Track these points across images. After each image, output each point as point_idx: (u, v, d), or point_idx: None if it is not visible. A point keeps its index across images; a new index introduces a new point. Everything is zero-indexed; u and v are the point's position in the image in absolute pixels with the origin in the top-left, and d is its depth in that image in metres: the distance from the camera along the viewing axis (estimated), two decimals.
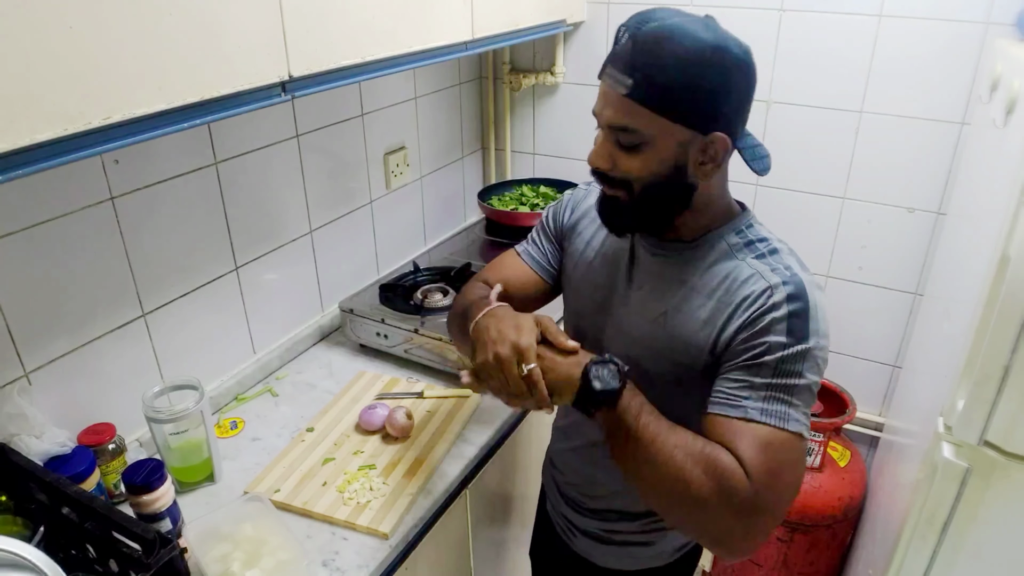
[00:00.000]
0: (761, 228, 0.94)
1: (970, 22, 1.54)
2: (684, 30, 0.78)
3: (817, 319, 0.83)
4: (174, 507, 1.07)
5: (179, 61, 0.84)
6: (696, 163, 0.85)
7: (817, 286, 0.87)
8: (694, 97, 0.80)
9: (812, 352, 0.82)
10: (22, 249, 1.04)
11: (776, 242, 0.91)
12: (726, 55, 0.79)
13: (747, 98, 0.86)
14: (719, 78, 0.80)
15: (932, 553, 1.15)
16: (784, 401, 0.82)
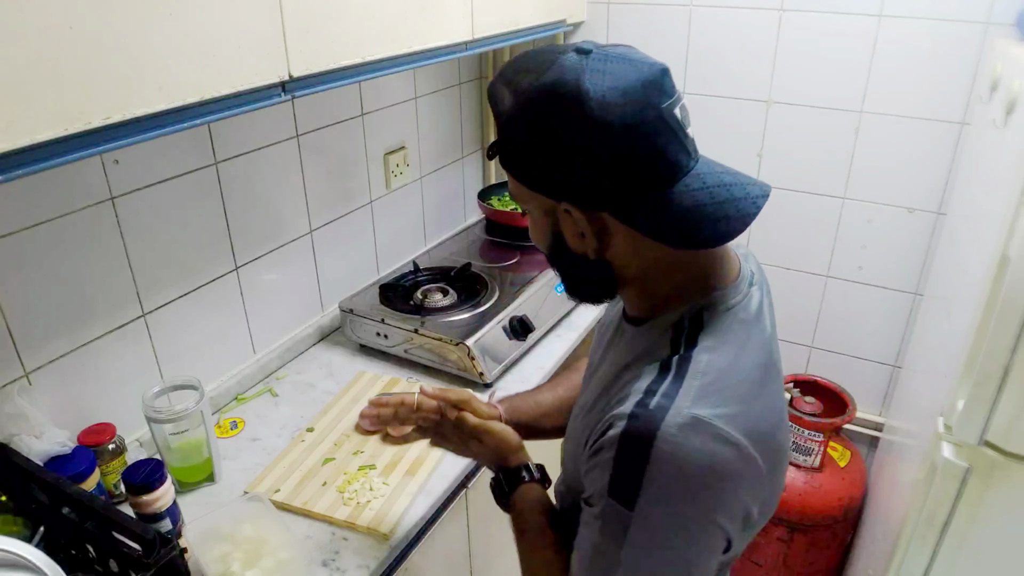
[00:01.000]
0: (712, 324, 0.68)
1: (970, 22, 1.54)
2: (511, 79, 0.67)
3: (656, 485, 0.61)
4: (174, 507, 1.07)
5: (179, 61, 0.84)
6: (574, 235, 0.70)
7: (711, 436, 0.61)
8: (521, 157, 0.68)
9: (640, 526, 0.62)
10: (22, 249, 1.04)
11: (706, 352, 0.66)
12: (535, 102, 0.64)
13: (619, 164, 0.63)
14: (526, 134, 0.66)
15: (932, 553, 1.15)
16: (601, 564, 0.66)
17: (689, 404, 0.62)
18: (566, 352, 1.62)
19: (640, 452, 0.61)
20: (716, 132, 1.89)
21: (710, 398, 0.63)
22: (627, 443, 0.62)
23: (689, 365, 0.65)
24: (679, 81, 1.87)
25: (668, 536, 0.63)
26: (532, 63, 0.66)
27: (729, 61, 1.81)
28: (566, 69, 0.63)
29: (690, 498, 0.62)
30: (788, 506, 1.82)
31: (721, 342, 0.67)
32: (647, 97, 0.62)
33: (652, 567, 0.64)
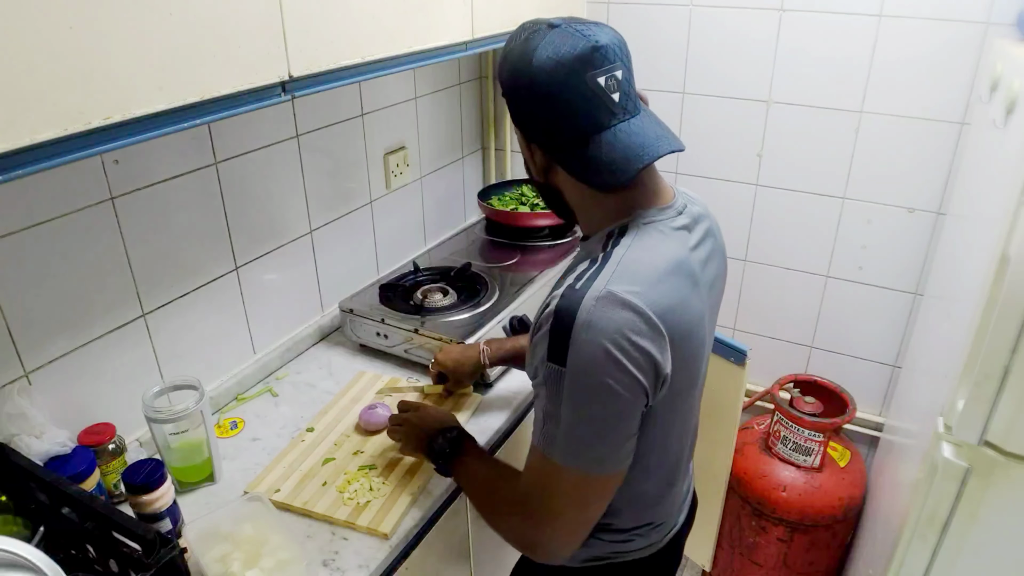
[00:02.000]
0: (633, 234, 0.86)
1: (970, 22, 1.54)
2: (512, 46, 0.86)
3: (583, 338, 0.77)
4: (174, 507, 1.07)
5: (179, 61, 0.84)
6: (537, 168, 0.91)
7: (620, 304, 0.78)
8: (512, 110, 0.88)
9: (570, 379, 0.78)
10: (22, 249, 1.04)
11: (623, 249, 0.84)
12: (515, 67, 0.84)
13: (548, 117, 0.84)
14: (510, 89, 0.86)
15: (932, 553, 1.15)
16: (548, 429, 0.82)
17: (604, 284, 0.79)
18: None
19: (567, 319, 0.78)
20: (716, 132, 1.90)
21: (620, 279, 0.80)
22: (558, 314, 0.79)
23: (609, 259, 0.83)
24: (679, 81, 1.89)
25: (593, 384, 0.78)
26: (526, 30, 0.86)
27: (729, 61, 1.81)
28: (531, 37, 0.83)
29: (605, 350, 0.76)
30: (788, 506, 1.82)
31: (636, 243, 0.85)
32: (575, 65, 0.80)
33: (583, 419, 0.79)
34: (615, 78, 0.83)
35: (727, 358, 1.68)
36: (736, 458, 1.89)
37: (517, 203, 2.02)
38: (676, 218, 0.90)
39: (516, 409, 1.43)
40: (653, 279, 0.81)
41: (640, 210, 0.88)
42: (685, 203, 0.93)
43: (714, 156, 1.93)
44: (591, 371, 0.77)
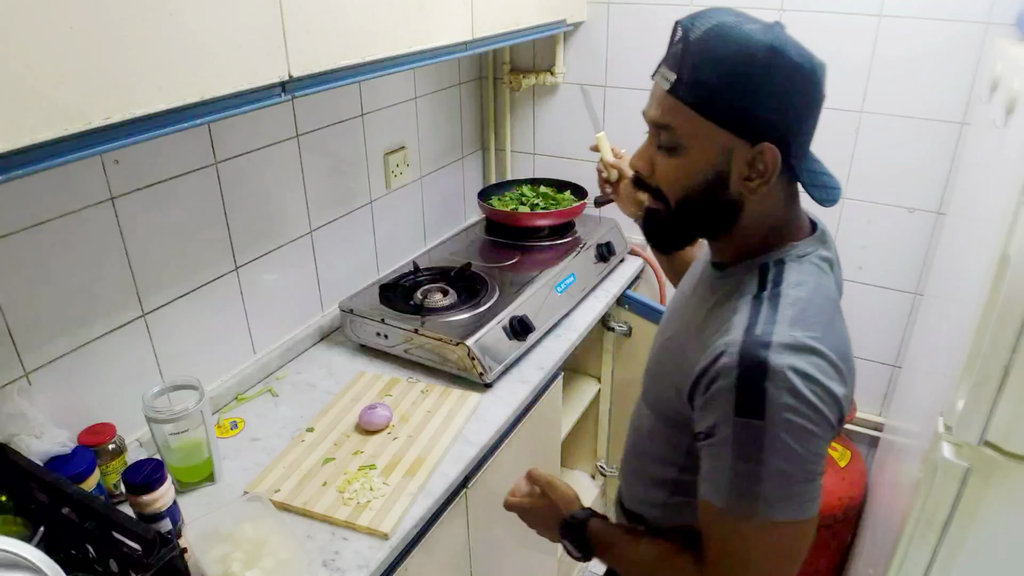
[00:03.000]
0: (793, 268, 0.81)
1: (970, 22, 1.54)
2: (738, 29, 0.73)
3: (779, 387, 0.71)
4: (174, 507, 1.07)
5: (179, 61, 0.84)
6: (741, 176, 0.77)
7: (807, 350, 0.73)
8: (739, 98, 0.73)
9: (771, 431, 0.71)
10: (22, 249, 1.04)
11: (792, 288, 0.78)
12: (782, 58, 0.72)
13: (806, 110, 0.76)
14: (769, 81, 0.73)
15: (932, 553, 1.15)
16: (746, 488, 0.73)
17: (787, 328, 0.74)
18: (566, 352, 1.62)
19: (758, 369, 0.71)
20: None
21: (801, 323, 0.75)
22: (746, 364, 0.72)
23: (780, 299, 0.77)
24: None
25: (796, 430, 0.71)
26: (750, 21, 0.76)
27: None
28: (775, 34, 0.74)
29: (805, 398, 0.71)
30: None
31: (802, 280, 0.80)
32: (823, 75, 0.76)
33: (792, 466, 0.72)
34: None
35: None
36: None
37: (517, 203, 2.02)
38: (821, 249, 0.84)
39: (517, 409, 1.43)
40: (826, 322, 0.78)
41: (794, 241, 0.83)
42: (823, 230, 0.87)
43: None
44: (792, 419, 0.71)
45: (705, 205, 0.80)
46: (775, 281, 0.79)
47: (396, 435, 1.32)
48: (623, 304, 1.95)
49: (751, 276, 0.81)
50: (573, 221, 2.00)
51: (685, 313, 0.91)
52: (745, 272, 0.82)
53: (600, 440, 2.22)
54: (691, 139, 0.77)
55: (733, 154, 0.76)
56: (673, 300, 1.01)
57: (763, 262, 0.81)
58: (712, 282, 0.87)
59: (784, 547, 0.76)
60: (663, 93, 0.77)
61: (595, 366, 2.11)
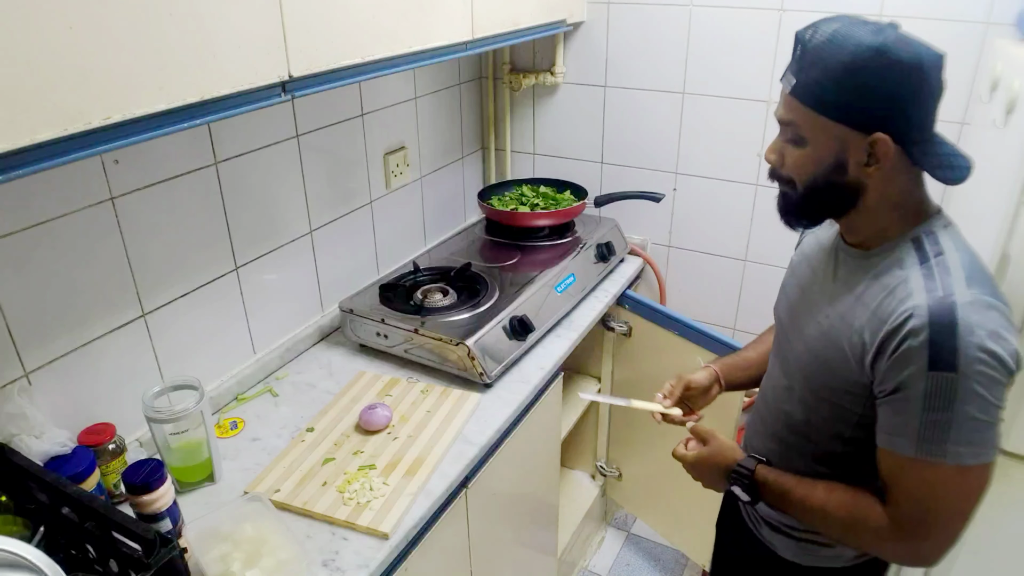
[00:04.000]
0: (945, 237, 0.89)
1: (970, 22, 1.54)
2: (848, 34, 0.83)
3: (970, 341, 0.79)
4: (174, 507, 1.07)
5: (179, 61, 0.84)
6: (858, 163, 0.86)
7: (987, 306, 0.81)
8: (849, 96, 0.83)
9: (963, 382, 0.79)
10: (22, 249, 1.04)
11: (953, 253, 0.87)
12: (887, 58, 0.81)
13: (916, 102, 0.84)
14: (876, 79, 0.82)
15: None
16: (937, 436, 0.82)
17: (965, 288, 0.82)
18: (566, 352, 1.62)
19: (949, 326, 0.79)
20: (716, 132, 1.89)
21: (975, 282, 0.83)
22: (936, 323, 0.80)
23: (947, 263, 0.85)
24: (679, 81, 1.89)
25: (987, 381, 0.79)
26: (863, 26, 0.86)
27: (729, 61, 1.81)
28: (884, 34, 0.84)
29: (991, 351, 0.79)
30: None
31: (958, 245, 0.88)
32: (942, 64, 0.87)
33: (982, 413, 0.80)
34: None
35: None
36: None
37: (517, 203, 2.02)
38: (952, 221, 0.93)
39: (517, 409, 1.43)
40: (991, 280, 0.86)
41: (935, 215, 0.91)
42: (940, 208, 0.96)
43: (714, 156, 1.93)
44: (984, 370, 0.79)
45: (828, 189, 0.90)
46: (935, 250, 0.87)
47: (396, 435, 1.32)
48: (623, 304, 1.95)
49: (906, 248, 0.89)
50: (573, 221, 2.00)
51: (832, 297, 0.96)
52: (896, 247, 0.90)
53: (600, 440, 2.21)
54: (811, 133, 0.87)
55: (849, 144, 0.85)
56: (803, 292, 1.05)
57: (915, 235, 0.89)
58: (857, 262, 0.94)
59: (971, 489, 0.84)
60: (786, 95, 0.89)
61: (595, 366, 2.11)
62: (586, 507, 2.18)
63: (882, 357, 0.85)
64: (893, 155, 0.84)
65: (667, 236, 2.08)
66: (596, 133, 2.07)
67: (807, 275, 1.05)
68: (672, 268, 2.12)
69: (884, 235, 0.92)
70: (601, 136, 2.06)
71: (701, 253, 2.06)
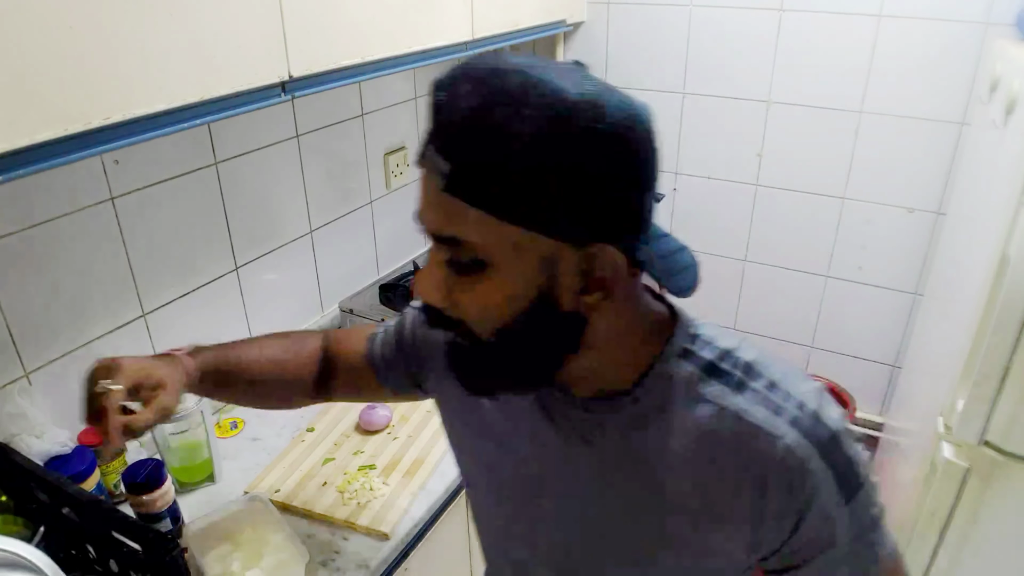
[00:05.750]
0: (708, 332, 0.65)
1: (970, 22, 1.54)
2: (529, 81, 0.50)
3: (846, 437, 0.60)
4: (174, 507, 1.07)
5: (179, 61, 0.84)
6: (572, 291, 0.55)
7: (818, 392, 0.61)
8: (548, 188, 0.50)
9: (867, 494, 0.61)
10: (22, 249, 1.04)
11: (742, 349, 0.63)
12: (595, 119, 0.50)
13: (639, 184, 0.54)
14: (587, 156, 0.50)
15: (932, 553, 1.15)
16: (870, 554, 0.65)
17: (794, 387, 0.61)
18: None
19: (833, 440, 0.59)
20: (716, 132, 1.89)
21: (789, 374, 0.62)
22: (823, 448, 0.59)
23: (752, 370, 0.61)
24: (679, 81, 1.89)
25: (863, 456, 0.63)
26: (545, 74, 0.50)
27: (729, 61, 1.81)
28: (582, 83, 0.51)
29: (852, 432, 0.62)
30: None
31: (726, 333, 0.65)
32: (651, 127, 0.56)
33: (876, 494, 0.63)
34: None
35: None
36: None
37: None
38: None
39: None
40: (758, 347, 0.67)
41: (671, 321, 0.65)
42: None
43: (714, 156, 1.93)
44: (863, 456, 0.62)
45: (532, 335, 0.57)
46: (719, 358, 0.62)
47: (396, 435, 1.32)
48: None
49: (673, 384, 0.61)
50: None
51: (610, 475, 0.65)
52: (659, 383, 0.61)
53: None
54: (493, 252, 0.53)
55: (558, 264, 0.54)
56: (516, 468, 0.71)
57: (671, 357, 0.62)
58: (621, 415, 0.63)
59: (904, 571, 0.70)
60: (437, 191, 0.53)
61: None
62: None
63: (773, 525, 0.60)
64: (624, 271, 0.55)
65: None
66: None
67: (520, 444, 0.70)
68: None
69: (630, 371, 0.62)
70: None
71: (701, 253, 2.02)
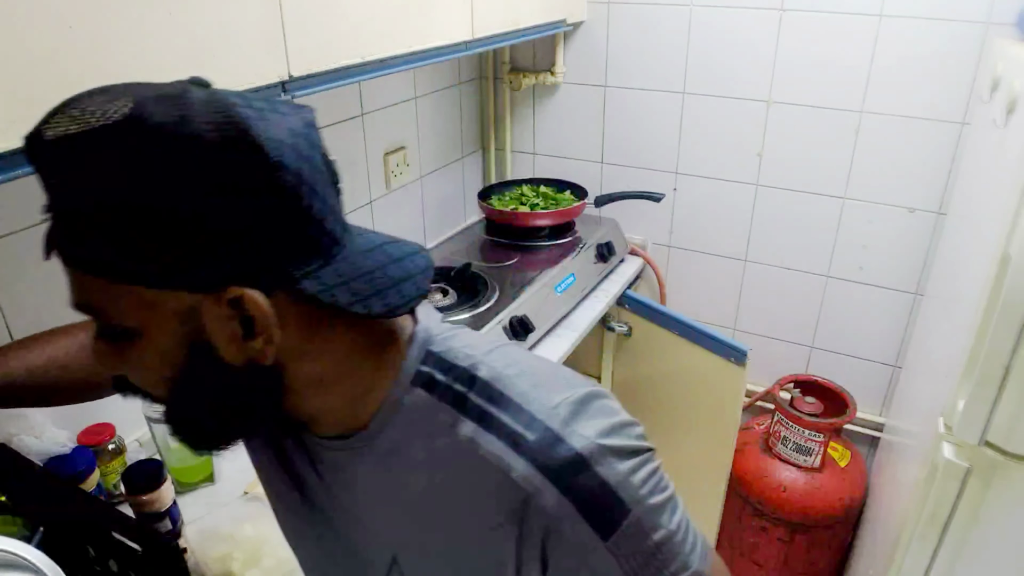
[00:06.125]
0: (450, 347, 0.58)
1: (970, 22, 1.54)
2: (106, 112, 0.43)
3: (609, 466, 0.52)
4: (174, 507, 1.07)
5: (179, 61, 0.84)
6: (232, 339, 0.49)
7: (579, 405, 0.54)
8: (135, 240, 0.44)
9: (639, 512, 0.53)
10: (22, 249, 1.04)
11: (487, 366, 0.56)
12: (185, 147, 0.43)
13: (269, 214, 0.46)
14: (168, 196, 0.43)
15: (932, 553, 1.15)
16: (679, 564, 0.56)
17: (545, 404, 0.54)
18: (566, 352, 1.62)
19: (575, 467, 0.52)
20: (716, 132, 1.89)
21: (544, 385, 0.56)
22: (563, 480, 0.52)
23: (499, 384, 0.55)
24: (679, 81, 1.89)
25: (651, 485, 0.55)
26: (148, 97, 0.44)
27: (729, 61, 1.81)
28: (215, 104, 0.45)
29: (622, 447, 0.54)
30: (789, 506, 1.82)
31: (474, 343, 0.59)
32: (313, 136, 0.50)
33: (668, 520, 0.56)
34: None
35: (727, 358, 1.68)
36: (736, 458, 1.89)
37: (517, 203, 2.02)
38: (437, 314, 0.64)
39: None
40: (553, 365, 0.62)
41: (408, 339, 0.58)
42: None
43: (714, 156, 1.93)
44: (640, 476, 0.55)
45: (217, 387, 0.53)
46: (450, 383, 0.56)
47: None
48: (623, 304, 1.95)
49: (416, 406, 0.56)
50: (573, 221, 2.00)
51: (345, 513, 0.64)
52: (390, 415, 0.56)
53: None
54: (125, 314, 0.50)
55: (200, 315, 0.48)
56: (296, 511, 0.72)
57: (401, 386, 0.56)
58: (362, 453, 0.58)
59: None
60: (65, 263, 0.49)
61: (595, 366, 2.11)
62: None
63: (525, 571, 0.55)
64: (269, 313, 0.48)
65: (667, 236, 2.08)
66: (596, 133, 2.07)
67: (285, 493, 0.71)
68: (672, 268, 2.12)
69: (367, 405, 0.57)
70: (601, 136, 2.06)
71: (701, 253, 2.06)
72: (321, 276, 0.49)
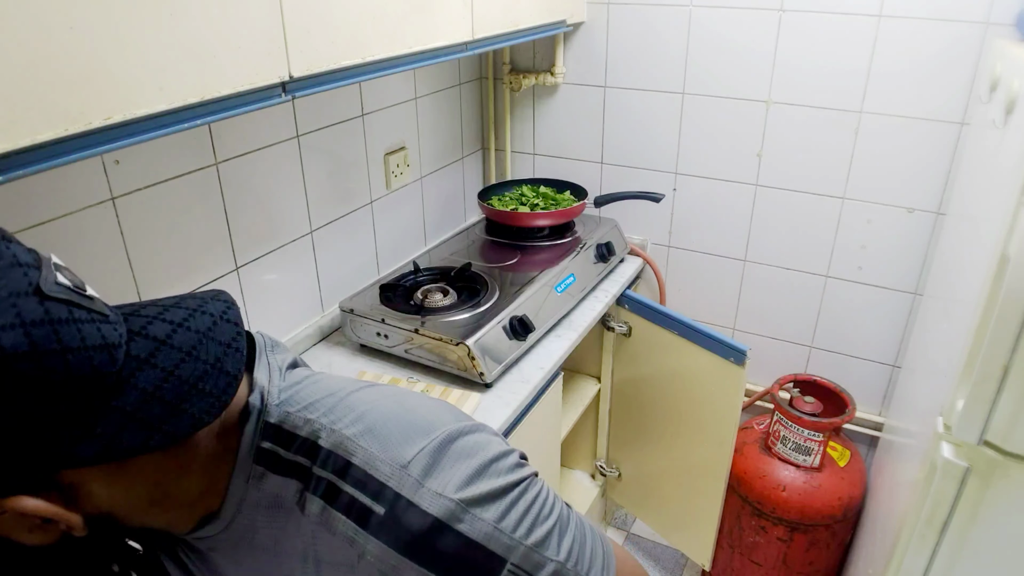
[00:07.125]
0: (292, 412, 0.55)
1: (970, 22, 1.54)
2: None
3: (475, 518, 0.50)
4: None
5: (179, 61, 0.84)
6: (32, 529, 0.48)
7: (433, 457, 0.52)
8: None
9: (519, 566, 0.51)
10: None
11: (331, 429, 0.53)
12: None
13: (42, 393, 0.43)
14: None
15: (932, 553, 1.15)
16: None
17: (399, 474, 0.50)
18: (566, 352, 1.62)
19: (434, 534, 0.49)
20: (716, 132, 1.90)
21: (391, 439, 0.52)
22: (421, 548, 0.49)
23: (341, 447, 0.52)
24: (679, 81, 1.89)
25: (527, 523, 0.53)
26: None
27: (729, 61, 1.81)
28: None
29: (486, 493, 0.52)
30: (788, 506, 1.82)
31: (331, 411, 0.54)
32: (14, 286, 0.45)
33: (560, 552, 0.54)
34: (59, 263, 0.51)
35: (727, 358, 1.68)
36: (736, 458, 1.89)
37: (517, 203, 2.02)
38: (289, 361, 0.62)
39: (517, 409, 1.43)
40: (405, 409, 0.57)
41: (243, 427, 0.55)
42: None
43: (714, 156, 1.93)
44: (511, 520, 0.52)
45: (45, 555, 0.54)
46: (306, 451, 0.53)
47: None
48: (623, 304, 1.95)
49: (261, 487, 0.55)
50: (573, 221, 2.00)
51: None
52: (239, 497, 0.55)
53: (600, 440, 2.22)
54: None
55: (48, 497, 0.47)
56: None
57: (255, 455, 0.54)
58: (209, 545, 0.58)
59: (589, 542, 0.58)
60: None
61: (595, 366, 2.12)
62: (586, 507, 2.18)
63: None
64: (77, 473, 0.47)
65: (667, 236, 2.09)
66: (596, 133, 2.07)
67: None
68: (672, 268, 2.12)
69: (214, 492, 0.55)
70: (601, 136, 2.07)
71: (701, 253, 2.06)
72: (100, 428, 0.45)
